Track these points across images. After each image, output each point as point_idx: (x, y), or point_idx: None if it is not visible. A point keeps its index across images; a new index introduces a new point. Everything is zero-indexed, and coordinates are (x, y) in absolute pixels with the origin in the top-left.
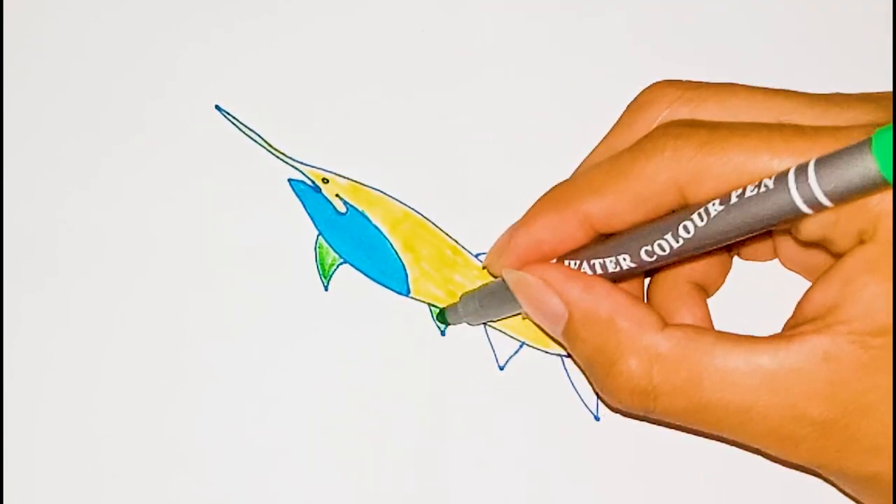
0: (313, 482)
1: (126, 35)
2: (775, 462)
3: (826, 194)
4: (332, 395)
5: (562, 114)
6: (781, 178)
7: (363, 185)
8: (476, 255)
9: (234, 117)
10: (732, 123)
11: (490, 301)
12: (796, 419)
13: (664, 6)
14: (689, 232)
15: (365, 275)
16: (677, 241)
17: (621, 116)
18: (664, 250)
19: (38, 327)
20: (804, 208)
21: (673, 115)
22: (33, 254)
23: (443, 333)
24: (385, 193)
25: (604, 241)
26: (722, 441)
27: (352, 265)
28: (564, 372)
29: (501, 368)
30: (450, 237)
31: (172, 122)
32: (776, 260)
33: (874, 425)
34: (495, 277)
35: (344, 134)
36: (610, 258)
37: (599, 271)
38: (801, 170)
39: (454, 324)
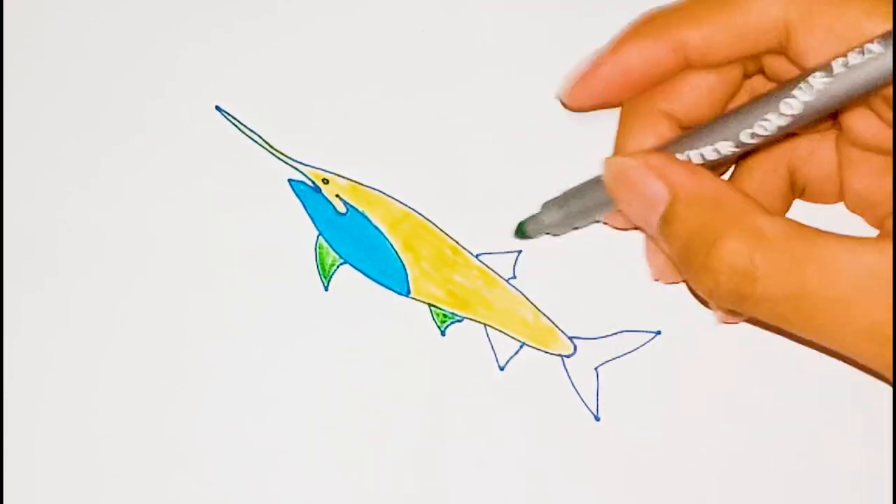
0: (313, 482)
1: (126, 35)
2: (856, 367)
3: None
4: (333, 395)
5: (562, 114)
6: (887, 40)
7: (363, 185)
8: (476, 256)
9: (234, 117)
10: None
11: (576, 201)
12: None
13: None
14: (791, 108)
15: (365, 275)
16: (780, 120)
17: None
18: (766, 130)
19: (38, 327)
20: None
21: None
22: (33, 254)
23: (443, 334)
24: (385, 193)
25: (696, 130)
26: (808, 346)
27: (352, 265)
28: (564, 372)
29: (501, 369)
30: (450, 237)
31: (172, 122)
32: (839, 206)
33: None
34: (567, 108)
35: (344, 134)
36: (709, 147)
37: (699, 161)
38: None
39: (533, 236)
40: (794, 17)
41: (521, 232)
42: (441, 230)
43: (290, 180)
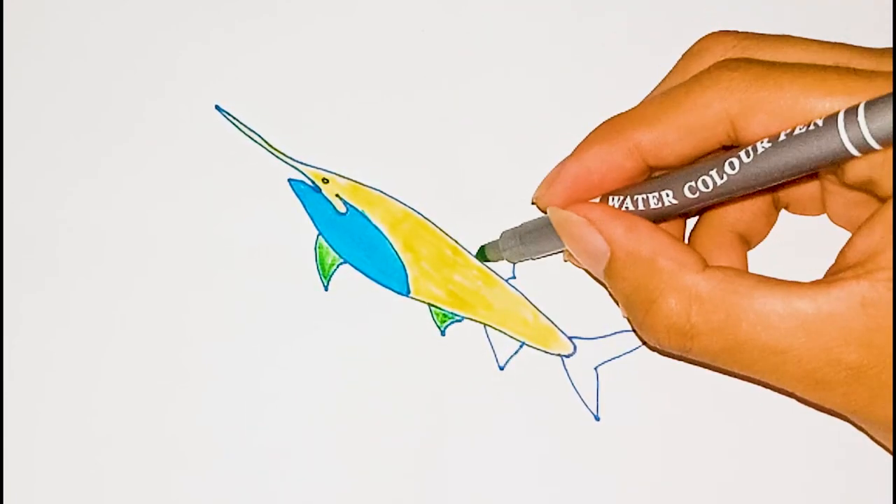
0: (313, 482)
1: (126, 35)
2: (809, 406)
3: (875, 137)
4: (332, 394)
5: (562, 114)
6: (831, 118)
7: (363, 185)
8: (476, 256)
9: (234, 117)
10: (788, 63)
11: (531, 237)
12: (831, 363)
13: (664, 6)
14: (734, 168)
15: (365, 275)
16: (722, 178)
17: (676, 64)
18: (708, 187)
19: (38, 327)
20: (853, 150)
21: None
22: (33, 254)
23: (443, 333)
24: (385, 193)
25: (648, 180)
26: (756, 384)
27: (352, 265)
28: (564, 372)
29: (501, 368)
30: (450, 237)
31: (172, 122)
32: (824, 216)
33: None
34: (542, 212)
35: (344, 134)
36: (653, 193)
37: (642, 207)
38: (852, 111)
39: (493, 261)
40: (735, 108)
41: (482, 256)
42: (441, 230)
43: (290, 180)
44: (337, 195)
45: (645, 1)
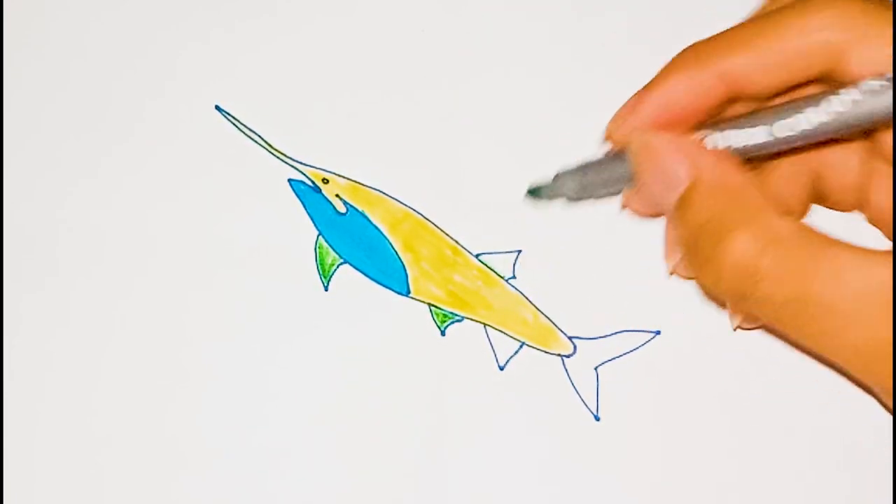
0: (313, 482)
1: (126, 35)
2: (847, 379)
3: None
4: (332, 394)
5: (562, 114)
6: None
7: (363, 185)
8: (476, 255)
9: (234, 117)
10: None
11: (595, 169)
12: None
13: (664, 6)
14: (842, 107)
15: (365, 275)
16: (823, 117)
17: None
18: (804, 126)
19: (38, 327)
20: None
21: None
22: (33, 254)
23: (443, 333)
24: (385, 193)
25: (735, 117)
26: (802, 352)
27: (352, 265)
28: (564, 372)
29: (501, 368)
30: (450, 237)
31: (172, 122)
32: (852, 216)
33: None
34: (614, 147)
35: (344, 134)
36: (742, 130)
37: (724, 145)
38: None
39: (547, 199)
40: (842, 37)
41: (535, 192)
42: (441, 230)
43: (290, 180)
44: (337, 195)
45: (645, 1)
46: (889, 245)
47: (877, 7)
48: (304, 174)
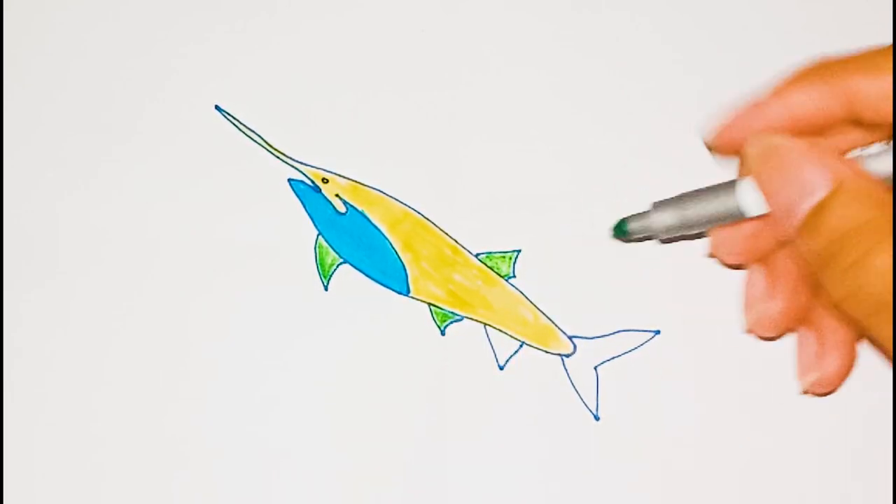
0: (313, 481)
1: (126, 35)
2: None
3: None
4: (332, 394)
5: (562, 114)
6: None
7: (363, 185)
8: (476, 255)
9: (234, 117)
10: None
11: (693, 200)
12: None
13: (664, 6)
14: None
15: (365, 275)
16: None
17: None
18: None
19: (38, 327)
20: None
21: None
22: (33, 254)
23: (443, 333)
24: (385, 193)
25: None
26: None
27: (352, 265)
28: (564, 371)
29: (501, 368)
30: (450, 237)
31: (172, 122)
32: None
33: None
34: (717, 157)
35: (344, 134)
36: (882, 155)
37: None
38: None
39: (634, 237)
40: None
41: (622, 230)
42: (441, 230)
43: (289, 180)
44: (337, 195)
45: (645, 1)
46: None
47: None
48: (304, 174)
